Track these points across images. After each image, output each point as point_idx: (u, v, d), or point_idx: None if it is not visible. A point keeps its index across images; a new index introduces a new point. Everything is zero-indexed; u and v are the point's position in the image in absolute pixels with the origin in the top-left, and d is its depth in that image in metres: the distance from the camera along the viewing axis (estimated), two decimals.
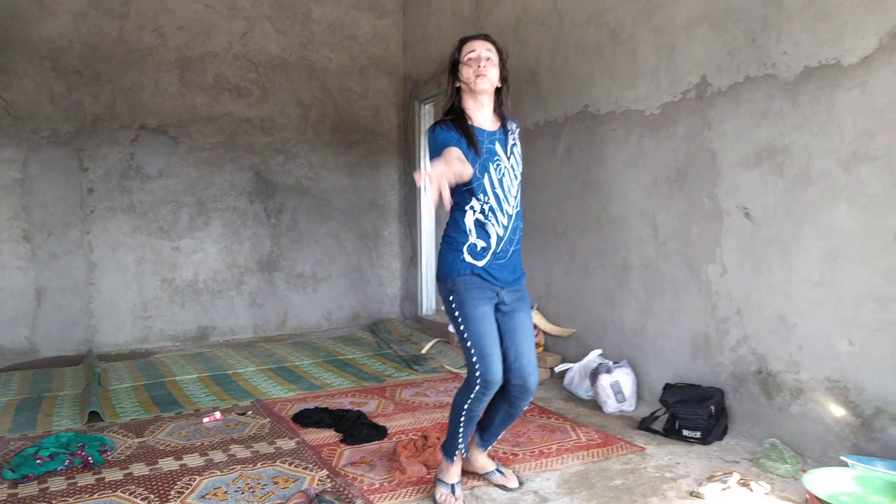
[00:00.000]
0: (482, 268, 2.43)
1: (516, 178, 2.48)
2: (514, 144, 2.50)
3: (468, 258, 2.43)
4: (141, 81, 5.58)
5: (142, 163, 5.62)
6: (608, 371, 3.70)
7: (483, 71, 2.41)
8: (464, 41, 2.50)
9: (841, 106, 2.79)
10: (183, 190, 5.78)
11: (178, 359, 5.15)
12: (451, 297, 2.45)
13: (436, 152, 2.33)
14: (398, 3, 6.60)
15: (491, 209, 2.41)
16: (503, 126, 2.51)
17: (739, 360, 3.29)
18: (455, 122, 2.43)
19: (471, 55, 2.43)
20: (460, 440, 2.52)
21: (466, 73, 2.43)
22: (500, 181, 2.42)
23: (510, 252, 2.47)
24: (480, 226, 2.43)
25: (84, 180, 5.42)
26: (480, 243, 2.43)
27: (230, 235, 6.00)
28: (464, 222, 2.45)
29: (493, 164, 2.41)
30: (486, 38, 2.51)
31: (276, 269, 6.20)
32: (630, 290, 3.93)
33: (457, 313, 2.43)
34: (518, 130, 2.57)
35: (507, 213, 2.44)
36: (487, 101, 2.49)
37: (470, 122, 2.44)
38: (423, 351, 5.18)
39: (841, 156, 2.80)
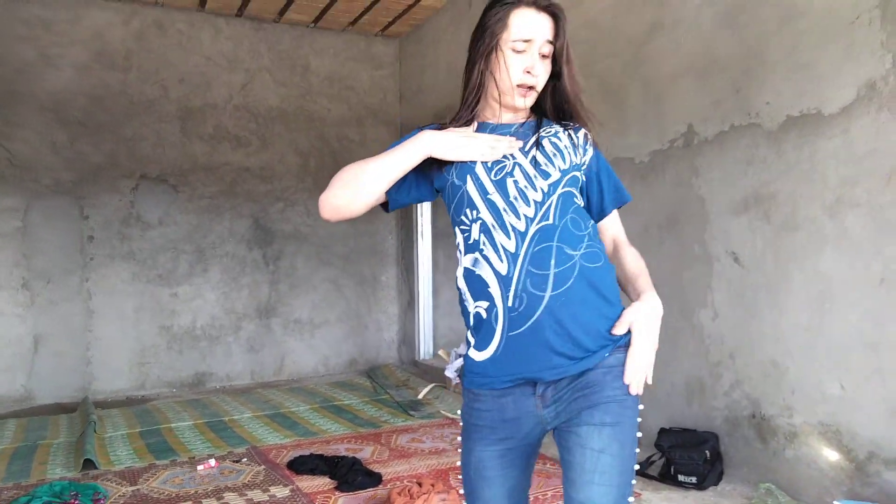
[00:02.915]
0: (485, 362, 1.40)
1: (541, 175, 1.41)
2: (548, 137, 1.46)
3: (471, 351, 1.43)
4: (142, 132, 5.69)
5: (142, 211, 5.69)
6: None
7: (534, 79, 1.43)
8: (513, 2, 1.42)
9: (823, 154, 2.86)
10: (182, 237, 5.84)
11: (175, 405, 5.13)
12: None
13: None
14: (394, 56, 6.77)
15: (484, 229, 1.39)
16: (536, 120, 1.50)
17: (733, 405, 3.30)
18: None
19: (524, 44, 1.41)
20: None
21: (512, 66, 1.41)
22: (501, 182, 1.40)
23: (544, 301, 1.34)
24: (472, 274, 1.41)
25: (84, 228, 5.48)
26: (480, 307, 1.40)
27: (229, 282, 6.04)
28: (456, 282, 1.46)
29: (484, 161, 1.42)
30: (552, 7, 1.43)
31: (273, 315, 6.22)
32: None
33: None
34: (585, 135, 1.54)
35: (514, 228, 1.37)
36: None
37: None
38: (420, 396, 5.17)
39: (825, 202, 2.86)
